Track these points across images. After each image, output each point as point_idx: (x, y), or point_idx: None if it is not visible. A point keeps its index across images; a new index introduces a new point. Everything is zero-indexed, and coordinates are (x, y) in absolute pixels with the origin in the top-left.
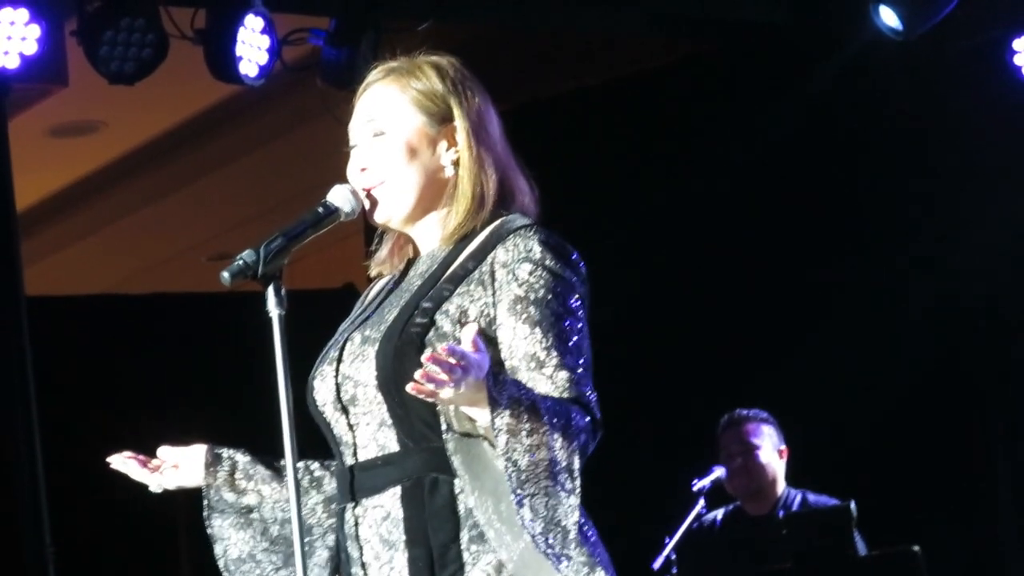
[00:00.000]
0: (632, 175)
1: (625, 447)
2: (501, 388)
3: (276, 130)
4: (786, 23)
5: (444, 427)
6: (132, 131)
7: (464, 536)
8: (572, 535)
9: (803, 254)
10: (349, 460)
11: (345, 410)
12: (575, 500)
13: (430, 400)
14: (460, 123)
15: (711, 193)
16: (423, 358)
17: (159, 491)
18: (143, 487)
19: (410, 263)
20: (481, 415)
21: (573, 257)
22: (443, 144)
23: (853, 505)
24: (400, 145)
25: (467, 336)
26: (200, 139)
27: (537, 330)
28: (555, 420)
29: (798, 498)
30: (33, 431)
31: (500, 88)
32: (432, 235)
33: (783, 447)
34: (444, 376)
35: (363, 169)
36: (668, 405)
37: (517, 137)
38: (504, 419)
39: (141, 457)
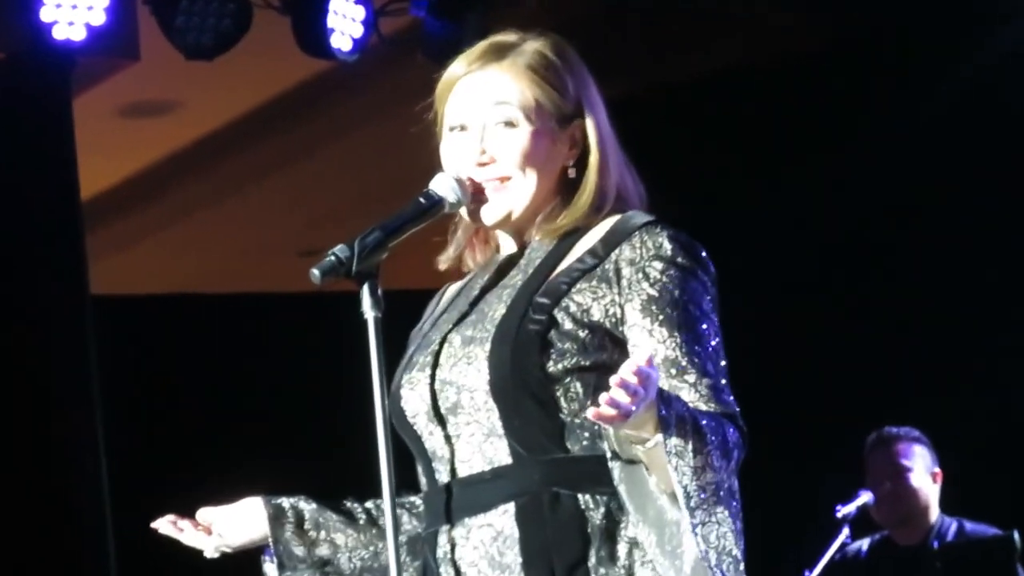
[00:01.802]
0: (762, 170)
1: (759, 467)
2: (669, 406)
3: (372, 112)
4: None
5: (609, 455)
6: (211, 112)
7: (592, 557)
8: (741, 564)
9: (967, 255)
10: (444, 477)
11: (443, 420)
12: (740, 524)
13: (607, 425)
14: (591, 124)
15: (863, 186)
16: (612, 381)
17: (216, 556)
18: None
19: (496, 259)
20: (646, 436)
21: (703, 255)
22: (566, 144)
23: (1017, 535)
24: (537, 143)
25: (643, 355)
26: (287, 121)
27: (676, 333)
28: (714, 438)
29: (953, 527)
30: (98, 445)
31: (614, 72)
32: (530, 230)
33: (937, 470)
34: (628, 400)
35: (485, 161)
36: (808, 421)
37: (632, 127)
38: (673, 441)
39: (190, 520)
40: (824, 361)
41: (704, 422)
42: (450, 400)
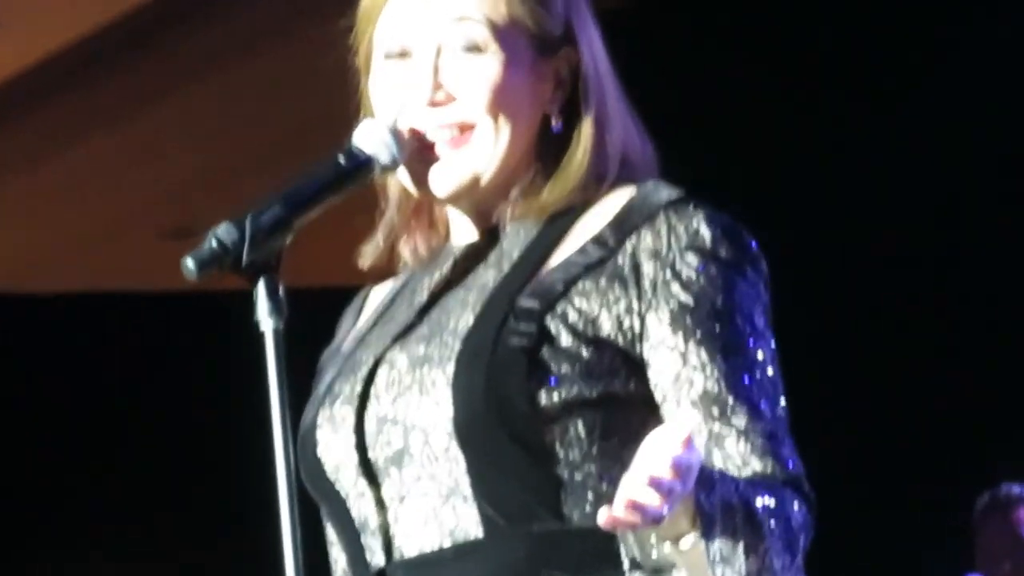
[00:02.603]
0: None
1: (833, 536)
2: (711, 491)
3: (265, 30)
4: None
5: (625, 563)
6: (38, 34)
7: None
8: None
9: None
10: (380, 558)
11: (380, 475)
12: None
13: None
14: (586, 55)
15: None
16: (638, 478)
17: None
18: None
19: (449, 250)
20: (681, 530)
21: (754, 246)
22: (549, 82)
23: None
24: (512, 77)
25: (681, 431)
26: (141, 47)
27: (720, 357)
28: (775, 526)
29: None
30: None
31: None
32: (500, 206)
33: None
34: (659, 502)
35: (440, 100)
36: (898, 477)
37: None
38: (717, 544)
39: None
40: (918, 395)
41: (760, 505)
42: (393, 446)
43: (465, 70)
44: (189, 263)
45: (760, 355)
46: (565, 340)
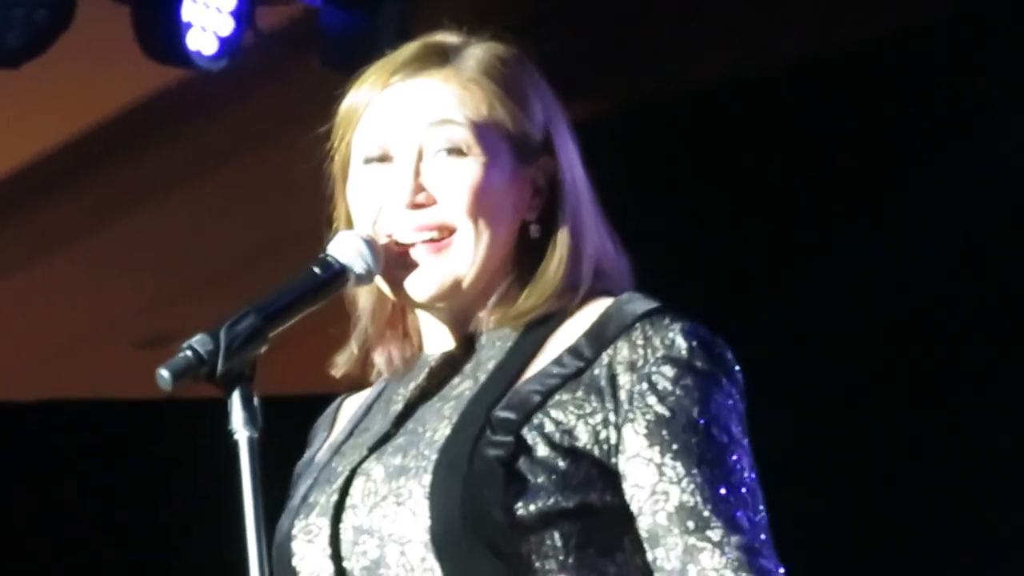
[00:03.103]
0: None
1: None
2: None
3: (246, 139)
4: None
5: None
6: (18, 140)
7: None
8: None
9: None
10: None
11: None
12: None
13: None
14: (564, 164)
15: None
16: None
17: None
18: None
19: (424, 360)
20: None
21: (729, 357)
22: (528, 188)
23: None
24: (493, 182)
25: None
26: (124, 154)
27: (696, 470)
28: None
29: None
30: None
31: (599, 84)
32: (478, 315)
33: None
34: None
35: (422, 202)
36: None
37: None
38: None
39: None
40: (890, 508)
41: None
42: (369, 556)
43: (447, 173)
44: (164, 373)
45: (737, 465)
46: (542, 451)
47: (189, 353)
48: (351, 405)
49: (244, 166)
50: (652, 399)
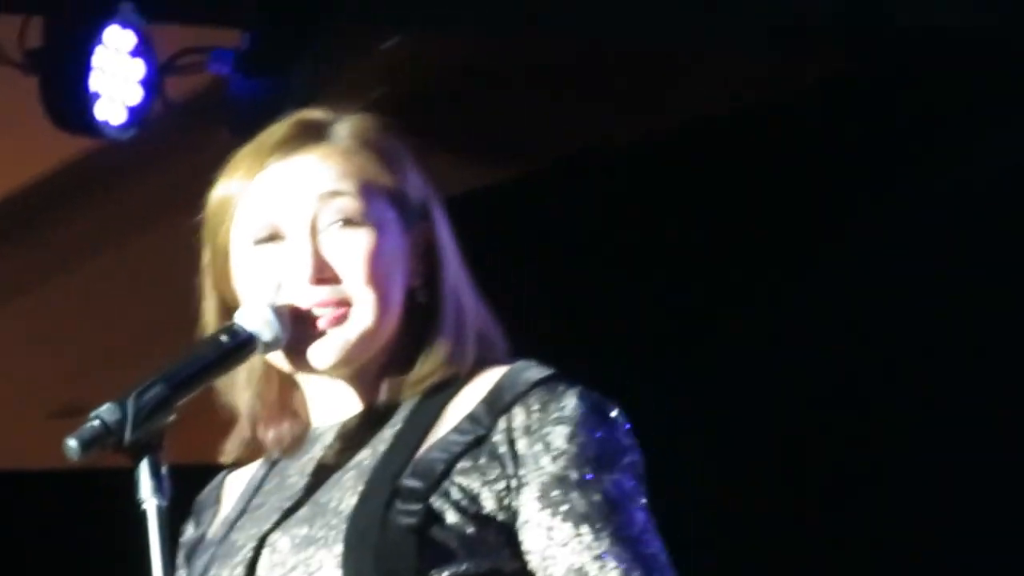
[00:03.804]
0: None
1: None
2: None
3: (156, 211)
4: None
5: None
6: None
7: None
8: None
9: None
10: None
11: None
12: None
13: None
14: (441, 229)
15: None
16: None
17: None
18: None
19: (315, 434)
20: None
21: (621, 421)
22: (412, 255)
23: None
24: (386, 249)
25: None
26: (39, 223)
27: (585, 528)
28: None
29: None
30: None
31: (505, 147)
32: (377, 383)
33: None
34: None
35: (326, 277)
36: None
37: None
38: None
39: None
40: None
41: None
42: None
43: (344, 245)
44: (71, 444)
45: (630, 523)
46: (451, 518)
47: (97, 423)
48: (237, 481)
49: (157, 234)
50: (544, 460)
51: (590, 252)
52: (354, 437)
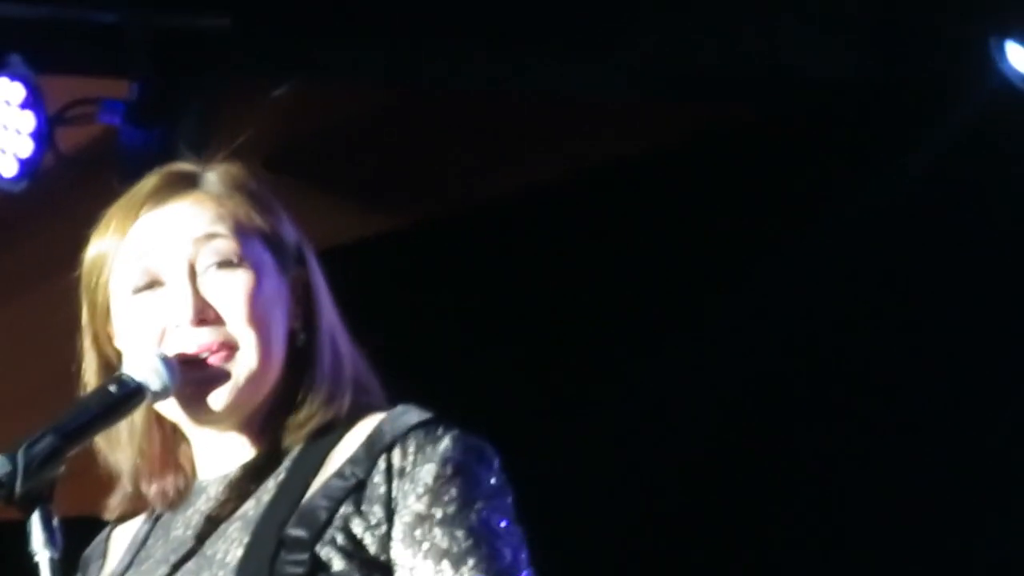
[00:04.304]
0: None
1: None
2: None
3: (47, 262)
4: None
5: None
6: None
7: None
8: None
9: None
10: None
11: None
12: None
13: None
14: (315, 274)
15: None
16: None
17: None
18: None
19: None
20: None
21: (495, 461)
22: (289, 297)
23: None
24: (264, 286)
25: None
26: None
27: (445, 564)
28: None
29: None
30: None
31: (398, 195)
32: (262, 430)
33: None
34: None
35: (208, 318)
36: None
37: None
38: None
39: None
40: None
41: None
42: None
43: (224, 286)
44: None
45: (495, 555)
46: (338, 565)
47: None
48: (123, 534)
49: (50, 287)
50: (411, 499)
51: (487, 298)
52: (239, 488)
